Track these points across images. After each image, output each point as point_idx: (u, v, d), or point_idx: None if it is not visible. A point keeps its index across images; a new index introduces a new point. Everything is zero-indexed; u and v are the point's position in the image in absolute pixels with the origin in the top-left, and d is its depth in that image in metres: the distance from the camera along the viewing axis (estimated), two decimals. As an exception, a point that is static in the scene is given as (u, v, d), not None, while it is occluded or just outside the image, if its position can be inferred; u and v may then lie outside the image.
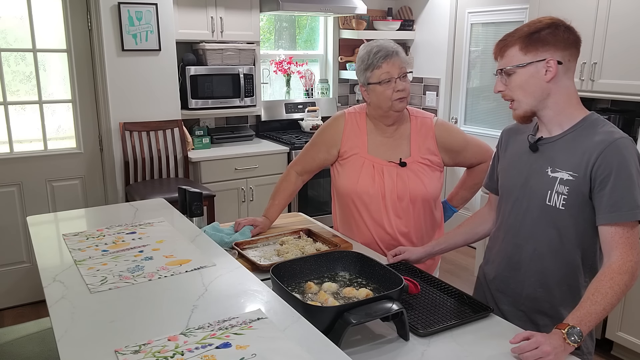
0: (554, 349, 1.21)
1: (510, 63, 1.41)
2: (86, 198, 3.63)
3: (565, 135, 1.43)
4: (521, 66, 1.39)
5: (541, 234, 1.47)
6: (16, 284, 3.45)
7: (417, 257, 1.76)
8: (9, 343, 2.22)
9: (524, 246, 1.51)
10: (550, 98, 1.41)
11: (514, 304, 1.56)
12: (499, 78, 1.45)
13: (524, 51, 1.39)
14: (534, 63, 1.38)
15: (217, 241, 1.80)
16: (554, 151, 1.44)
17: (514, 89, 1.42)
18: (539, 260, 1.48)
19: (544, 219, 1.45)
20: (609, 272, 1.30)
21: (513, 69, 1.41)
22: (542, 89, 1.40)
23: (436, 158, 1.93)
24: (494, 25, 4.16)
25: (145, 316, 1.23)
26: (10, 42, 3.29)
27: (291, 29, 4.74)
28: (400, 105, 1.86)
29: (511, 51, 1.41)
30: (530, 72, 1.39)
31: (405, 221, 1.91)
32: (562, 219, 1.42)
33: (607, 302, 1.27)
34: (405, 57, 1.86)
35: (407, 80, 1.85)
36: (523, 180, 1.50)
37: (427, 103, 4.79)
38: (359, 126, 1.97)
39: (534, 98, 1.41)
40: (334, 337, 1.19)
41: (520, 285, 1.54)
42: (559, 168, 1.42)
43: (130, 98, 3.52)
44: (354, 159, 1.94)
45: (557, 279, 1.47)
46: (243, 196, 3.89)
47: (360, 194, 1.91)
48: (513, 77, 1.41)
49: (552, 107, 1.42)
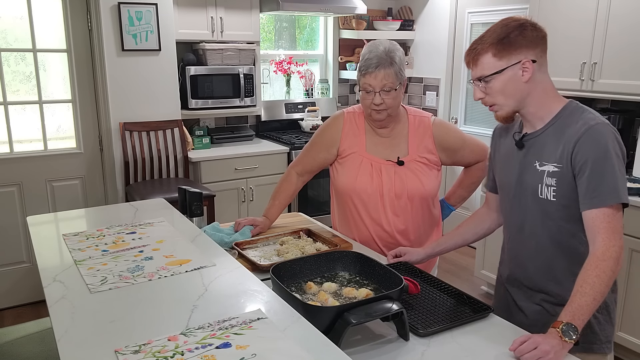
0: (553, 348, 1.21)
1: (486, 71, 1.41)
2: (86, 198, 3.63)
3: (548, 128, 1.45)
4: (498, 72, 1.40)
5: (540, 228, 1.48)
6: (16, 284, 3.45)
7: (418, 259, 1.76)
8: (9, 343, 2.22)
9: (527, 242, 1.53)
10: (530, 96, 1.43)
11: (531, 299, 1.56)
12: (477, 86, 1.46)
13: (498, 57, 1.39)
14: (510, 67, 1.39)
15: (217, 241, 1.80)
16: (539, 145, 1.47)
17: (494, 94, 1.43)
18: (543, 254, 1.50)
19: (540, 212, 1.47)
20: (594, 261, 1.31)
21: (491, 77, 1.41)
22: (521, 89, 1.42)
23: (434, 157, 1.93)
24: (494, 25, 4.16)
25: (145, 316, 1.23)
26: (10, 42, 3.29)
27: (291, 29, 4.74)
28: (377, 116, 1.87)
29: (484, 59, 1.41)
30: (507, 76, 1.40)
31: (403, 219, 1.92)
32: (556, 210, 1.44)
33: (595, 292, 1.28)
34: (397, 69, 1.81)
35: (392, 95, 1.82)
36: (516, 177, 1.52)
37: (427, 103, 4.79)
38: (358, 125, 1.98)
39: (514, 99, 1.43)
40: (334, 337, 1.19)
41: (531, 281, 1.55)
42: (545, 161, 1.44)
43: (130, 98, 3.52)
44: (352, 158, 1.95)
45: (563, 270, 1.48)
46: (243, 196, 3.89)
47: (358, 192, 1.92)
48: (491, 83, 1.42)
49: (532, 103, 1.44)
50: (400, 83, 1.84)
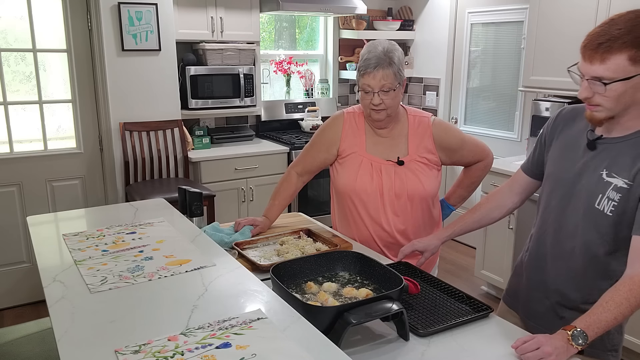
0: (555, 350, 1.20)
1: (613, 74, 1.23)
2: (86, 198, 3.63)
3: (628, 140, 1.34)
4: (627, 79, 1.23)
5: (583, 235, 1.42)
6: (16, 284, 3.45)
7: (435, 249, 1.74)
8: (9, 343, 2.22)
9: (564, 242, 1.47)
10: (635, 105, 1.30)
11: (545, 294, 1.53)
12: (589, 84, 1.28)
13: (632, 61, 1.21)
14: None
15: (217, 241, 1.80)
16: (612, 153, 1.36)
17: (608, 98, 1.27)
18: (578, 260, 1.44)
19: (589, 221, 1.40)
20: (628, 283, 1.26)
21: (617, 82, 1.24)
22: (634, 98, 1.27)
23: (434, 157, 1.93)
24: (494, 25, 4.16)
25: (145, 316, 1.23)
26: (10, 42, 3.29)
27: (291, 29, 4.74)
28: (376, 116, 1.87)
29: (616, 59, 1.22)
30: (632, 83, 1.24)
31: (403, 219, 1.92)
32: (607, 225, 1.37)
33: (619, 312, 1.24)
34: (396, 69, 1.80)
35: (391, 95, 1.81)
36: (575, 176, 1.43)
37: (427, 103, 4.79)
38: (358, 125, 1.98)
39: (623, 106, 1.29)
40: (334, 337, 1.19)
41: (554, 280, 1.51)
42: (615, 173, 1.34)
43: (130, 98, 3.52)
44: (352, 158, 1.95)
45: (591, 280, 1.44)
46: (243, 196, 3.89)
47: (358, 192, 1.92)
48: (611, 86, 1.25)
49: (632, 112, 1.32)
50: (399, 83, 1.83)
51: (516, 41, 3.99)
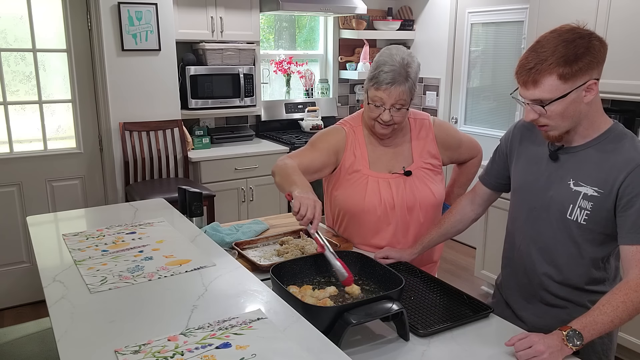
0: (548, 348, 1.20)
1: (549, 94, 1.27)
2: (86, 198, 3.63)
3: (589, 147, 1.37)
4: (562, 97, 1.26)
5: (560, 247, 1.43)
6: (16, 284, 3.45)
7: (409, 259, 1.74)
8: (9, 343, 2.22)
9: (542, 256, 1.48)
10: (586, 116, 1.33)
11: (534, 313, 1.54)
12: (531, 107, 1.32)
13: (563, 80, 1.24)
14: (575, 90, 1.26)
15: (217, 241, 1.80)
16: (576, 162, 1.38)
17: (552, 117, 1.30)
18: (555, 271, 1.46)
19: (564, 232, 1.41)
20: (624, 288, 1.27)
21: (553, 102, 1.27)
22: (579, 111, 1.30)
23: (437, 161, 1.91)
24: (494, 25, 4.16)
25: (145, 316, 1.22)
26: (10, 42, 3.29)
27: (291, 28, 4.74)
28: (382, 131, 1.80)
29: (548, 80, 1.25)
30: (571, 99, 1.27)
31: (413, 232, 1.85)
32: (582, 234, 1.39)
33: (615, 316, 1.24)
34: (411, 84, 1.71)
35: (402, 112, 1.74)
36: (542, 188, 1.45)
37: (427, 103, 4.79)
38: (357, 139, 1.89)
39: (571, 121, 1.32)
40: (334, 337, 1.19)
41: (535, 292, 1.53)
42: (582, 182, 1.36)
43: (130, 98, 3.52)
44: (357, 177, 1.85)
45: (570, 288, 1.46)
46: (243, 196, 3.89)
47: (367, 212, 1.84)
48: (552, 107, 1.28)
49: (584, 122, 1.35)
50: (412, 98, 1.76)
51: (516, 41, 3.99)
